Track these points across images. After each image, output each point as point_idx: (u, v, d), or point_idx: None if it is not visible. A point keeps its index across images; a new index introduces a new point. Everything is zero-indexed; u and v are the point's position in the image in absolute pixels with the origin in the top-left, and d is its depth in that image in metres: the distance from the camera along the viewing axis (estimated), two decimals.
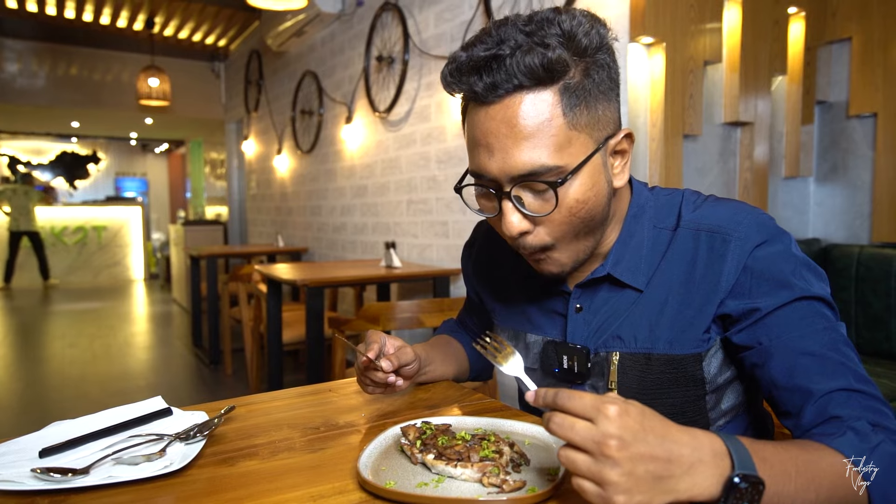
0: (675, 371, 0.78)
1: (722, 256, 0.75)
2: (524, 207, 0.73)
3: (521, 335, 0.94)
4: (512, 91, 0.69)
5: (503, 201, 0.73)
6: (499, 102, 0.69)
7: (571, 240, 0.76)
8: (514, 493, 0.63)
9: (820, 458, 0.61)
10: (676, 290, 0.79)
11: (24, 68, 7.10)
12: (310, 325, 2.53)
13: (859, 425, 0.64)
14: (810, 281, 0.74)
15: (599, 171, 0.74)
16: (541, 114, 0.69)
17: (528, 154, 0.69)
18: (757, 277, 0.74)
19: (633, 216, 0.83)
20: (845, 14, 2.62)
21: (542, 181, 0.70)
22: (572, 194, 0.72)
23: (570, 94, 0.69)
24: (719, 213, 0.78)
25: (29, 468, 0.68)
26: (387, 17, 3.54)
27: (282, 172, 5.43)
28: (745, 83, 2.32)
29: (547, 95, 0.69)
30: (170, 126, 10.11)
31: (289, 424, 0.87)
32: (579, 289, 0.85)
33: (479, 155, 0.73)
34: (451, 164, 3.02)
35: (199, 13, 6.18)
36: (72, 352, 4.91)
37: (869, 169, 2.59)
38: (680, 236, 0.80)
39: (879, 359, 2.33)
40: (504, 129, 0.69)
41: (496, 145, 0.70)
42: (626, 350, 0.81)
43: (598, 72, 0.71)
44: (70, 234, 9.63)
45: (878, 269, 2.37)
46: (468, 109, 0.75)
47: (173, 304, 7.39)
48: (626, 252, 0.82)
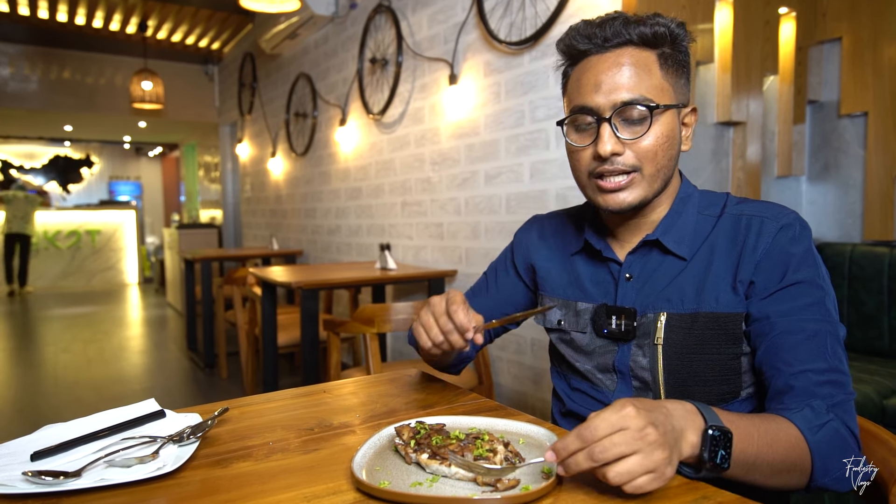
0: (718, 328, 0.87)
1: (759, 234, 0.87)
2: (619, 133, 0.86)
3: (572, 304, 1.01)
4: (623, 44, 0.86)
5: (602, 126, 0.86)
6: (611, 52, 0.86)
7: (650, 171, 0.88)
8: (507, 492, 0.63)
9: (778, 428, 0.73)
10: (721, 259, 0.89)
11: (16, 72, 7.06)
12: (305, 328, 2.53)
13: (817, 404, 0.76)
14: (823, 275, 0.85)
15: (676, 125, 0.90)
16: (643, 63, 0.86)
17: (631, 87, 0.85)
18: (780, 255, 0.85)
19: (681, 199, 0.95)
20: (835, 14, 2.63)
21: (641, 104, 0.85)
22: (658, 128, 0.86)
23: (665, 59, 0.88)
24: (760, 206, 0.91)
25: (20, 471, 0.67)
26: (380, 20, 3.54)
27: (276, 175, 5.42)
28: (736, 83, 2.33)
29: (649, 54, 0.87)
30: (163, 129, 10.08)
31: (283, 426, 0.87)
32: (630, 257, 0.94)
33: (586, 92, 0.87)
34: (446, 166, 3.02)
35: (193, 16, 6.17)
36: (66, 356, 4.88)
37: (860, 168, 2.60)
38: (724, 220, 0.91)
39: (872, 356, 2.34)
40: (614, 69, 0.86)
41: (605, 80, 0.86)
42: (674, 311, 0.89)
43: (683, 53, 0.90)
44: (63, 238, 9.58)
45: (870, 268, 2.38)
46: (577, 64, 0.90)
47: (168, 308, 7.36)
48: (673, 225, 0.93)
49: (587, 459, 0.60)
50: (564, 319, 1.01)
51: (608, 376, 0.96)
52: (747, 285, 0.86)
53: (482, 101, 2.73)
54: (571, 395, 1.03)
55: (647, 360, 0.90)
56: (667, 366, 0.89)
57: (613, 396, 0.94)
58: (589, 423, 0.60)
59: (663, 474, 0.60)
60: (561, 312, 1.02)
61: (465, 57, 2.83)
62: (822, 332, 0.81)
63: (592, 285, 0.99)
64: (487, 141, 2.72)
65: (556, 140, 2.35)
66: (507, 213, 2.61)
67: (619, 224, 0.97)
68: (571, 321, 1.00)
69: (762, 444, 0.70)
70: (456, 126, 2.93)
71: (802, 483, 0.75)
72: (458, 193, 2.94)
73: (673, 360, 0.88)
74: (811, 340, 0.80)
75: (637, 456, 0.59)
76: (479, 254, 2.80)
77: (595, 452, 0.59)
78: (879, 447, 0.83)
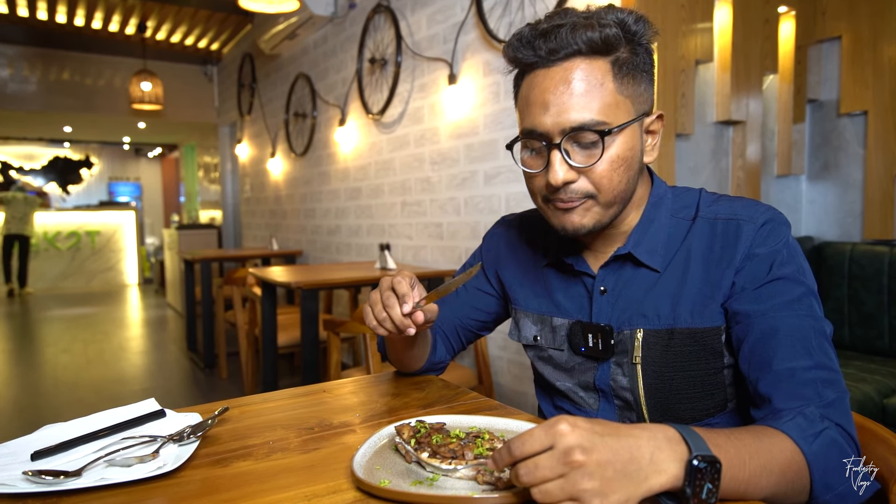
0: (696, 344, 0.84)
1: (736, 238, 0.83)
2: (571, 159, 0.80)
3: (547, 319, 0.97)
4: (571, 55, 0.78)
5: (552, 153, 0.80)
6: (558, 65, 0.79)
7: (605, 199, 0.82)
8: (507, 491, 0.63)
9: (771, 444, 0.65)
10: (696, 270, 0.85)
11: (15, 73, 7.06)
12: (305, 328, 2.53)
13: (809, 411, 0.70)
14: (804, 271, 0.81)
15: (636, 139, 0.83)
16: (594, 77, 0.78)
17: (581, 108, 0.78)
18: (760, 256, 0.81)
19: (653, 204, 0.90)
20: (834, 13, 2.64)
21: (592, 130, 0.78)
22: (614, 150, 0.80)
23: (620, 67, 0.79)
24: (735, 206, 0.86)
25: (21, 471, 0.67)
26: (379, 20, 3.54)
27: (275, 175, 5.42)
28: (736, 82, 2.33)
29: (601, 64, 0.79)
30: (163, 130, 10.08)
31: (283, 425, 0.87)
32: (603, 270, 0.91)
33: (534, 113, 0.81)
34: (445, 166, 3.02)
35: (191, 17, 6.17)
36: (66, 357, 4.88)
37: (860, 166, 2.60)
38: (698, 225, 0.87)
39: (872, 356, 2.34)
40: (561, 87, 0.78)
41: (553, 101, 0.79)
42: (650, 326, 0.86)
43: (642, 54, 0.82)
44: (63, 239, 9.57)
45: (870, 267, 2.38)
46: (525, 76, 0.84)
47: (168, 309, 7.36)
48: (645, 235, 0.89)
49: (514, 478, 0.56)
50: (540, 335, 0.98)
51: (590, 395, 0.93)
52: (728, 291, 0.82)
53: (481, 100, 2.73)
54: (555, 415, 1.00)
55: (627, 379, 0.88)
56: (647, 385, 0.86)
57: (597, 416, 0.91)
58: (521, 437, 0.56)
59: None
60: (536, 328, 0.99)
61: (465, 57, 2.83)
62: (805, 327, 0.76)
63: (566, 299, 0.95)
64: (487, 141, 2.72)
65: None
66: (506, 212, 2.61)
67: (590, 236, 0.91)
68: (548, 337, 0.97)
69: (755, 468, 0.63)
70: (455, 126, 2.93)
71: (802, 500, 0.68)
72: (457, 193, 2.94)
73: (653, 378, 0.85)
74: (795, 337, 0.75)
75: (559, 481, 0.53)
76: None
77: (520, 474, 0.55)
78: (879, 446, 0.83)
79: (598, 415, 0.92)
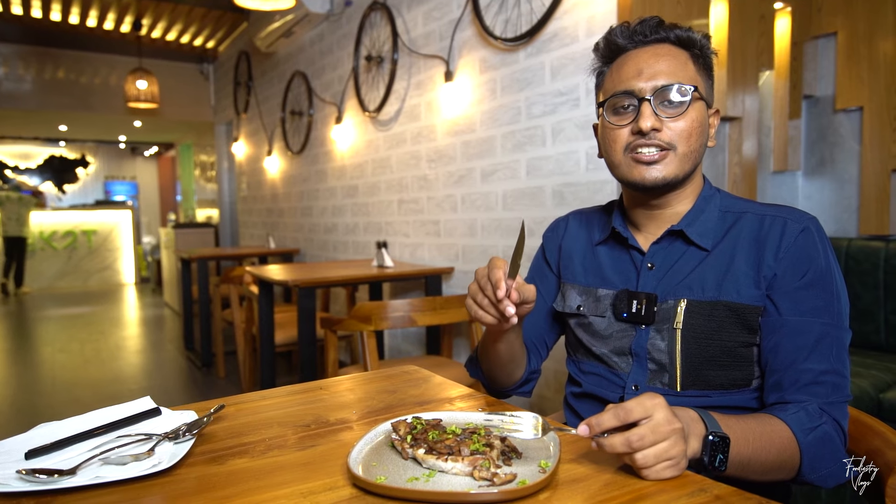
0: (737, 318, 0.90)
1: (783, 233, 0.90)
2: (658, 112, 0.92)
3: (593, 290, 1.04)
4: (661, 40, 0.95)
5: (643, 105, 0.92)
6: (650, 46, 0.95)
7: (683, 150, 0.92)
8: (504, 486, 0.62)
9: (773, 430, 0.79)
10: (743, 255, 0.92)
11: (10, 72, 7.03)
12: (302, 326, 2.52)
13: (811, 408, 0.82)
14: (838, 280, 0.89)
15: (706, 118, 0.96)
16: (679, 58, 0.94)
17: (670, 73, 0.92)
18: (800, 257, 0.88)
19: (704, 198, 0.99)
20: (830, 9, 2.64)
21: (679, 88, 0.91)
22: (693, 113, 0.92)
23: (697, 59, 0.96)
24: (782, 208, 0.95)
25: (15, 469, 0.67)
26: (375, 17, 3.53)
27: (272, 174, 5.41)
28: (732, 78, 2.33)
29: (683, 52, 0.95)
30: (159, 129, 10.05)
31: (279, 422, 0.86)
32: (654, 246, 0.98)
33: (627, 78, 0.94)
34: (442, 163, 3.02)
35: (187, 15, 6.15)
36: (63, 356, 4.87)
37: (856, 162, 2.61)
38: (747, 218, 0.95)
39: (869, 351, 2.34)
40: (653, 58, 0.93)
41: (646, 68, 0.93)
42: (694, 297, 0.92)
43: (709, 60, 0.98)
44: (59, 238, 9.55)
45: (866, 262, 2.39)
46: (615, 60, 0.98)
47: (165, 308, 7.35)
48: (696, 219, 0.97)
49: (623, 445, 0.64)
50: (584, 305, 1.04)
51: (623, 359, 0.98)
52: (770, 279, 0.89)
53: (478, 97, 2.73)
54: (585, 378, 1.04)
55: (666, 343, 0.93)
56: (684, 349, 0.92)
57: (629, 378, 0.97)
58: (624, 405, 0.66)
59: (679, 465, 0.65)
60: (581, 298, 1.05)
61: (461, 54, 2.82)
62: (829, 336, 0.85)
63: (614, 273, 1.02)
64: (483, 138, 2.72)
65: (552, 136, 2.34)
66: (503, 209, 2.61)
67: (644, 216, 1.00)
68: (591, 306, 1.03)
69: (756, 447, 0.76)
70: (452, 123, 2.92)
71: (789, 478, 0.82)
72: (454, 190, 2.94)
73: (691, 343, 0.91)
74: (818, 343, 0.84)
75: (665, 443, 0.64)
76: (476, 251, 2.80)
77: (632, 441, 0.64)
78: (875, 439, 0.83)
79: (628, 377, 0.97)
